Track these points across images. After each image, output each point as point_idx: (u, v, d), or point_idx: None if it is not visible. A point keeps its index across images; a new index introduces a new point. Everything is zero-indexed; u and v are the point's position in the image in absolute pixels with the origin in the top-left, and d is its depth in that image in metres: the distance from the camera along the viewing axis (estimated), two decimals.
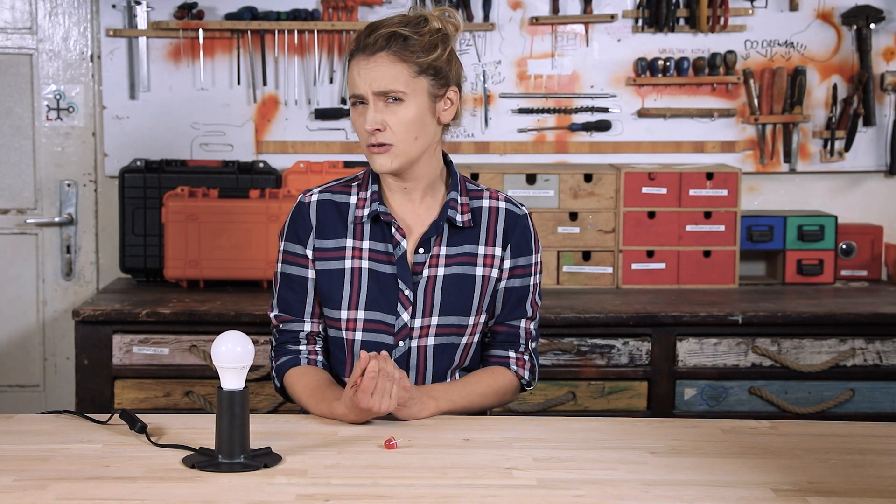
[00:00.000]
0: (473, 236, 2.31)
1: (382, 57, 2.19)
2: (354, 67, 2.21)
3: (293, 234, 2.31)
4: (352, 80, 2.22)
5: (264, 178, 3.73)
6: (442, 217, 2.29)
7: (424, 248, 2.28)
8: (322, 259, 2.29)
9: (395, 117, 2.20)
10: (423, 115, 2.22)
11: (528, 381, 2.38)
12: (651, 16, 3.85)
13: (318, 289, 2.30)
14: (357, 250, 2.28)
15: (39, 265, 3.91)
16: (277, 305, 2.34)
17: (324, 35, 3.83)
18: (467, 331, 2.32)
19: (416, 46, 2.19)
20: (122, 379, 3.30)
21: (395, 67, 2.18)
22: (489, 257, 2.31)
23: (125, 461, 1.91)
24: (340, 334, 2.30)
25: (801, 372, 3.34)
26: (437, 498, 1.75)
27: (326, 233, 2.29)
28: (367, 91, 2.19)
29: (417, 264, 2.28)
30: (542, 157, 3.90)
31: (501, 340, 2.37)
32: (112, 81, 3.83)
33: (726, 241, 3.69)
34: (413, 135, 2.21)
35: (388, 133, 2.20)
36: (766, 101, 3.89)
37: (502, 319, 2.36)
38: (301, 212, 2.31)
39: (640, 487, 1.81)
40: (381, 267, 2.27)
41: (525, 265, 2.34)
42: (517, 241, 2.33)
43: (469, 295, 2.30)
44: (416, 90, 2.20)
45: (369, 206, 2.28)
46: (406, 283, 2.26)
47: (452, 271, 2.29)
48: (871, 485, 1.84)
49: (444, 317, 2.28)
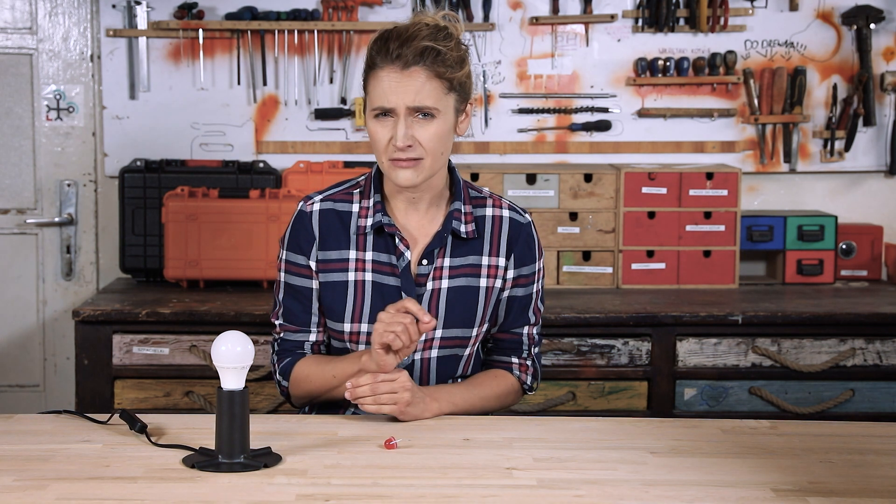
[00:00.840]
0: (477, 247, 2.29)
1: (417, 71, 2.13)
2: (385, 79, 2.14)
3: (295, 244, 2.28)
4: (380, 93, 2.15)
5: (264, 178, 3.73)
6: (446, 229, 2.26)
7: (428, 260, 2.26)
8: (325, 271, 2.27)
9: (426, 133, 2.15)
10: (450, 130, 2.20)
11: (530, 385, 2.38)
12: (651, 16, 3.85)
13: (322, 300, 2.28)
14: (360, 262, 2.25)
15: (39, 265, 3.91)
16: (283, 315, 2.31)
17: (324, 35, 3.83)
18: (470, 342, 2.31)
19: (449, 62, 2.15)
20: (122, 379, 3.30)
21: (430, 83, 2.14)
22: (493, 268, 2.30)
23: (125, 461, 1.91)
24: (344, 346, 2.29)
25: (801, 372, 3.34)
26: (437, 498, 1.75)
27: (329, 244, 2.26)
28: (399, 105, 2.14)
29: (421, 276, 2.26)
30: (542, 157, 3.90)
31: (505, 347, 2.37)
32: (112, 81, 3.83)
33: (726, 241, 3.69)
34: (441, 150, 2.19)
35: (418, 148, 2.16)
36: (766, 101, 3.89)
37: (506, 327, 2.35)
38: (303, 222, 2.27)
39: (640, 487, 1.81)
40: (384, 279, 2.25)
41: (528, 274, 2.33)
42: (521, 250, 2.31)
43: (473, 306, 2.28)
44: (447, 106, 2.18)
45: (373, 217, 2.25)
46: (409, 295, 2.23)
47: (456, 283, 2.27)
48: (871, 485, 1.84)
49: (449, 329, 2.27)
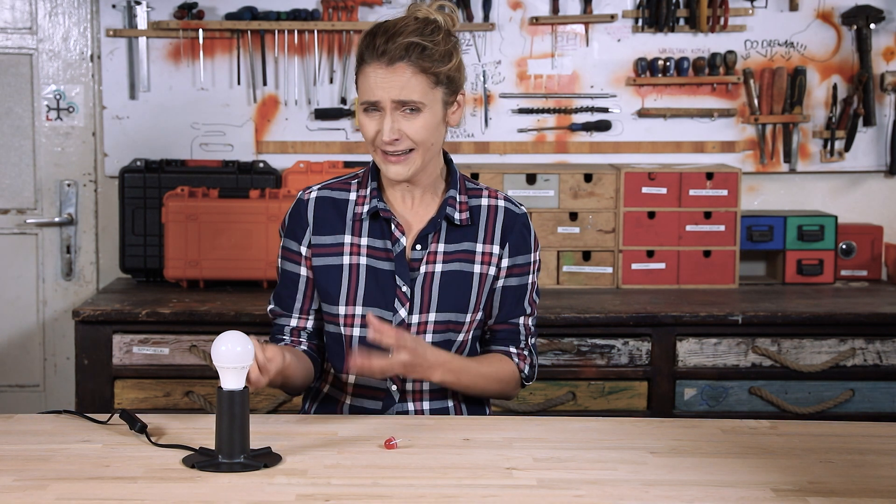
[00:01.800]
0: (472, 234, 2.32)
1: (402, 67, 2.18)
2: (371, 74, 2.19)
3: (290, 231, 2.34)
4: (367, 88, 2.20)
5: (264, 178, 3.73)
6: (440, 214, 2.30)
7: (422, 245, 2.29)
8: (319, 255, 2.31)
9: (413, 127, 2.20)
10: (438, 122, 2.24)
11: (527, 375, 2.39)
12: (651, 16, 3.85)
13: (317, 284, 2.32)
14: (355, 246, 2.30)
15: (39, 265, 3.91)
16: (273, 299, 2.39)
17: (324, 35, 3.83)
18: (464, 327, 2.33)
19: (435, 56, 2.20)
20: (122, 379, 3.30)
21: (415, 78, 2.18)
22: (487, 255, 2.32)
23: (125, 461, 1.91)
24: (339, 330, 2.31)
25: (801, 372, 3.34)
26: (437, 498, 1.75)
27: (324, 229, 2.31)
28: (385, 99, 2.18)
29: (415, 261, 2.29)
30: (542, 157, 3.90)
31: (502, 338, 2.39)
32: (112, 81, 3.83)
33: (726, 241, 3.69)
34: (430, 141, 2.23)
35: (406, 141, 2.21)
36: (766, 101, 3.88)
37: (502, 318, 2.37)
38: (299, 209, 2.33)
39: (640, 487, 1.81)
40: (379, 263, 2.29)
41: (523, 264, 2.35)
42: (516, 239, 2.34)
43: (467, 292, 2.31)
44: (434, 100, 2.22)
45: (369, 203, 2.30)
46: (403, 279, 2.28)
47: (450, 268, 2.30)
48: (871, 485, 1.84)
49: (442, 313, 2.29)
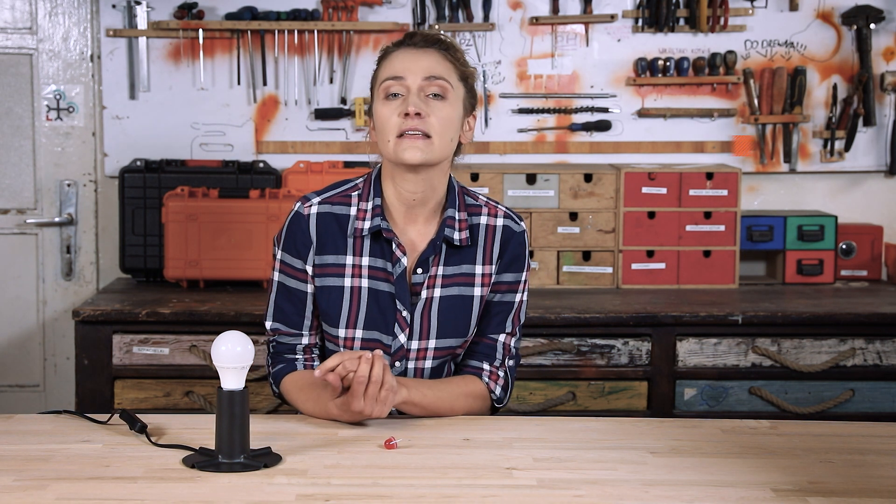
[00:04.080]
0: (471, 255, 2.28)
1: (432, 51, 2.22)
2: (399, 56, 2.21)
3: (291, 247, 2.26)
4: (392, 68, 2.20)
5: (264, 178, 3.73)
6: (439, 236, 2.25)
7: (423, 269, 2.25)
8: (322, 276, 2.25)
9: (437, 113, 2.19)
10: (457, 121, 2.23)
11: (498, 397, 2.31)
12: (651, 16, 3.85)
13: (317, 304, 2.27)
14: (357, 268, 2.24)
15: (39, 265, 3.91)
16: (274, 316, 2.29)
17: (324, 35, 3.83)
18: (462, 350, 2.31)
19: (460, 57, 2.26)
20: (122, 379, 3.30)
21: (445, 63, 2.22)
22: (487, 276, 2.28)
23: (125, 461, 1.91)
24: (339, 350, 2.27)
25: (801, 372, 3.34)
26: (437, 498, 1.75)
27: (326, 248, 2.25)
28: (414, 76, 2.18)
29: (416, 285, 2.25)
30: (542, 157, 3.90)
31: (477, 352, 2.32)
32: (112, 81, 3.83)
33: (726, 241, 3.69)
34: (449, 136, 2.21)
35: (428, 121, 2.18)
36: (766, 101, 3.89)
37: (480, 332, 2.31)
38: (300, 225, 2.25)
39: (640, 487, 1.81)
40: (379, 285, 2.24)
41: (512, 281, 2.30)
42: (510, 256, 2.29)
43: (467, 316, 2.27)
44: (456, 96, 2.23)
45: (370, 220, 2.24)
46: (404, 303, 2.23)
47: (449, 292, 2.26)
48: (871, 485, 1.84)
49: (442, 339, 2.26)
